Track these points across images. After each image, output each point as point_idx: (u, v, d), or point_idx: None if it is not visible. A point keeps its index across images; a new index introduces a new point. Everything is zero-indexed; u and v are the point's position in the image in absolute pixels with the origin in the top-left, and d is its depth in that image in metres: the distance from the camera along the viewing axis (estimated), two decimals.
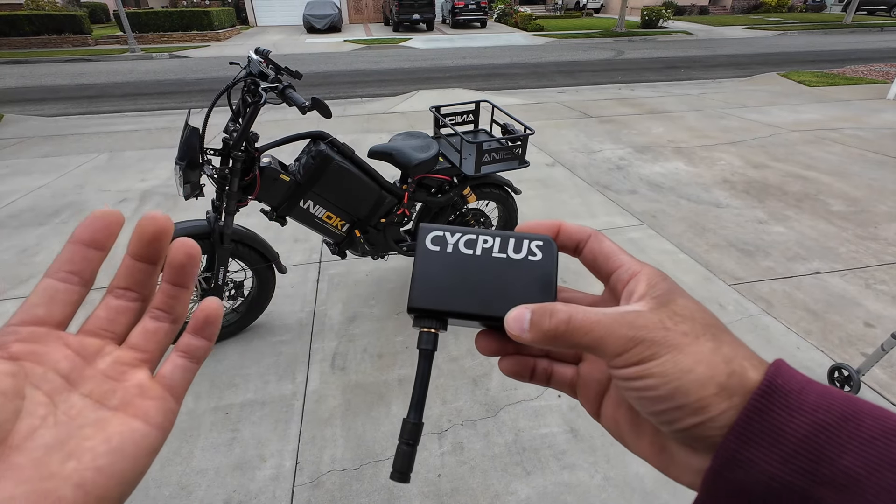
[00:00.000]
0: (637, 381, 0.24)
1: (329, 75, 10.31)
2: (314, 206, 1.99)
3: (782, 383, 0.22)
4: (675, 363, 0.23)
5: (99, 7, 22.33)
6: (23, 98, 8.34)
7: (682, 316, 0.25)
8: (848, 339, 2.10)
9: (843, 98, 6.76)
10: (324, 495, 1.49)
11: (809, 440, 0.20)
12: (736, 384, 0.22)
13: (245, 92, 1.74)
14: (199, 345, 0.26)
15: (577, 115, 6.03)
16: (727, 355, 0.23)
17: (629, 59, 11.91)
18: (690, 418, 0.23)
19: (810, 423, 0.21)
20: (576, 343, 0.25)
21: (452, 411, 1.78)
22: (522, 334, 0.26)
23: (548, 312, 0.26)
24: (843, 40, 15.09)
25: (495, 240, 0.30)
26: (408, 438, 0.29)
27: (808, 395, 0.21)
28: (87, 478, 0.20)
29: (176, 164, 1.71)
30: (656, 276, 0.27)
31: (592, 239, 0.30)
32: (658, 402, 0.23)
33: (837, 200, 3.49)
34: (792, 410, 0.21)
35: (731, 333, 0.25)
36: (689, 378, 0.23)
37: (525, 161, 2.24)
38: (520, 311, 0.27)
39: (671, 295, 0.26)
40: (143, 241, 0.25)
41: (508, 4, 23.80)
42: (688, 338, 0.24)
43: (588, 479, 1.53)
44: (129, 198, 3.69)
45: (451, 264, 0.30)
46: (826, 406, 0.21)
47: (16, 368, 0.21)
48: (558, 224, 0.31)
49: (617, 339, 0.24)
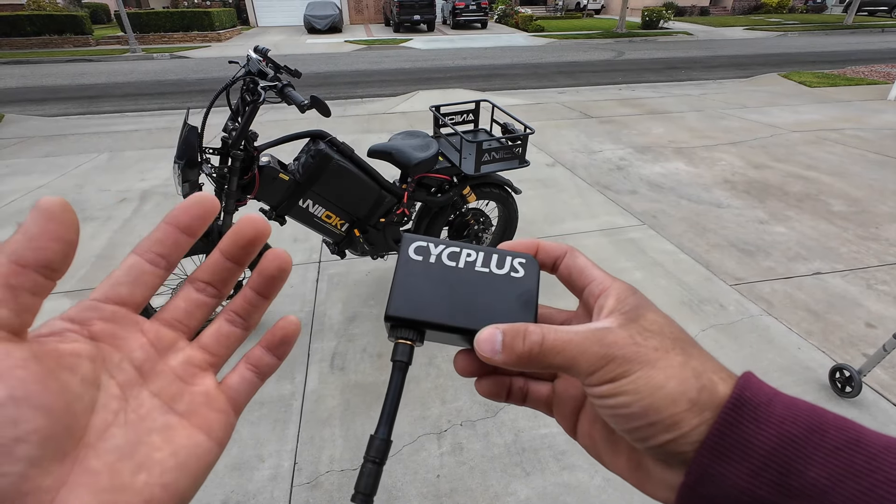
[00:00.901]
0: (610, 398, 0.24)
1: (330, 76, 10.31)
2: (313, 205, 1.99)
3: (751, 396, 0.22)
4: (647, 380, 0.23)
5: (100, 7, 22.36)
6: (24, 98, 8.35)
7: (651, 331, 0.25)
8: (849, 340, 2.10)
9: (843, 99, 6.75)
10: (322, 496, 1.48)
11: (777, 452, 0.21)
12: (706, 399, 0.23)
13: (244, 91, 1.74)
14: (270, 362, 0.26)
15: (578, 116, 6.02)
16: (697, 369, 0.24)
17: (630, 60, 11.91)
18: (663, 435, 0.23)
19: (777, 435, 0.21)
20: (549, 364, 0.25)
21: (452, 411, 1.77)
22: (494, 356, 0.25)
23: (521, 334, 0.25)
24: (843, 41, 15.08)
25: (479, 254, 0.30)
26: (374, 456, 0.26)
27: (776, 407, 0.22)
28: (155, 494, 0.19)
29: (175, 163, 1.71)
30: (625, 291, 0.27)
31: (568, 255, 0.30)
32: (631, 419, 0.23)
33: (838, 201, 3.48)
34: (760, 423, 0.21)
35: (699, 347, 0.25)
36: (661, 394, 0.23)
37: (525, 160, 2.23)
38: (490, 332, 0.26)
39: (640, 310, 0.26)
40: (238, 243, 0.24)
41: (509, 5, 23.81)
42: (658, 352, 0.24)
43: (588, 480, 1.52)
44: (128, 197, 3.69)
45: (432, 276, 0.29)
46: (792, 418, 0.21)
47: (96, 352, 0.20)
48: (537, 243, 0.31)
49: (589, 357, 0.24)
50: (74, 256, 0.19)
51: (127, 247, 2.91)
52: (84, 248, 2.93)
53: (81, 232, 2.46)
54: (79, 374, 0.18)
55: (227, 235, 0.25)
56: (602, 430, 0.28)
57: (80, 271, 2.68)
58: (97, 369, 0.19)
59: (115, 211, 3.45)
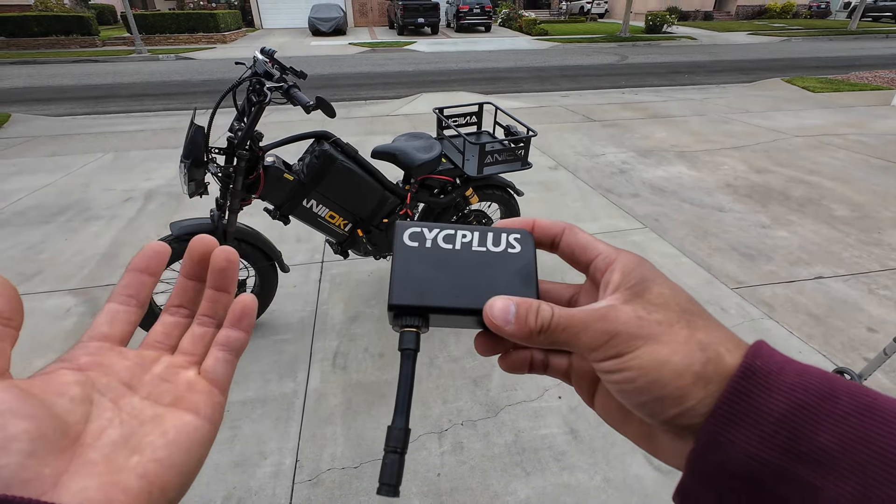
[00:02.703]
0: (616, 374, 0.24)
1: (334, 78, 10.36)
2: (317, 205, 2.00)
3: (761, 364, 0.22)
4: (651, 354, 0.23)
5: (106, 9, 22.53)
6: (30, 98, 8.42)
7: (657, 304, 0.25)
8: (850, 344, 2.10)
9: (847, 104, 6.75)
10: (323, 493, 1.49)
11: (787, 419, 0.21)
12: (712, 371, 0.23)
13: (250, 91, 1.76)
14: (237, 336, 0.28)
15: (581, 119, 6.04)
16: (702, 342, 0.24)
17: (633, 64, 11.93)
18: (670, 409, 0.23)
19: (788, 402, 0.21)
20: (555, 340, 0.25)
21: (453, 411, 1.78)
22: (506, 326, 0.26)
23: (533, 310, 0.26)
24: (847, 46, 15.07)
25: (474, 234, 0.30)
26: (395, 445, 0.25)
27: (787, 375, 0.22)
28: (149, 469, 0.22)
29: (181, 163, 1.73)
30: (631, 263, 0.27)
31: (567, 232, 0.30)
32: (638, 394, 0.24)
33: (841, 206, 3.49)
34: (771, 391, 0.21)
35: (707, 317, 0.25)
36: (666, 369, 0.23)
37: (528, 163, 2.25)
38: (504, 303, 0.26)
39: (645, 283, 0.26)
40: (193, 261, 0.28)
41: (513, 9, 23.88)
42: (662, 327, 0.24)
43: (588, 481, 1.52)
44: (133, 197, 3.72)
45: (430, 260, 0.29)
46: (803, 385, 0.21)
47: (83, 378, 0.23)
48: (532, 220, 0.31)
49: (592, 333, 0.24)
50: (21, 305, 0.23)
51: (131, 246, 2.93)
52: (89, 248, 2.95)
53: (87, 231, 2.48)
54: (67, 395, 0.22)
55: (184, 259, 0.28)
56: (615, 402, 0.28)
57: (84, 270, 2.70)
58: (87, 390, 0.23)
59: (120, 210, 3.48)
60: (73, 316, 2.31)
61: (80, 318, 2.29)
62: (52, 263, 2.78)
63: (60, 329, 2.22)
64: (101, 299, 2.43)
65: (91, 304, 2.40)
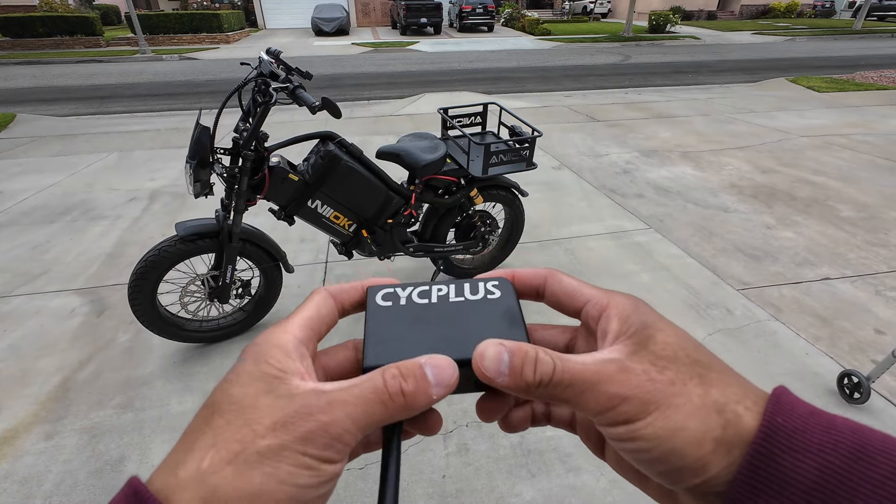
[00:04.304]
0: (628, 442, 0.22)
1: (337, 78, 10.37)
2: (322, 205, 2.00)
3: (783, 422, 0.20)
4: (665, 421, 0.21)
5: (110, 9, 22.60)
6: (35, 98, 8.46)
7: (666, 358, 0.23)
8: (858, 346, 2.08)
9: (852, 104, 6.71)
10: None
11: (819, 486, 0.19)
12: (733, 436, 0.21)
13: (255, 92, 1.76)
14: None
15: (584, 119, 6.02)
16: (718, 401, 0.22)
17: (636, 64, 11.90)
18: (692, 479, 0.21)
19: (818, 465, 0.19)
20: (555, 397, 0.23)
21: (458, 412, 1.78)
22: (499, 378, 0.23)
23: (531, 359, 0.23)
24: (852, 46, 15.00)
25: (449, 287, 0.29)
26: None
27: (813, 433, 0.20)
28: None
29: (186, 163, 1.73)
30: (627, 308, 0.25)
31: (550, 280, 0.28)
32: (654, 463, 0.22)
33: (847, 206, 3.46)
34: (797, 452, 0.20)
35: (719, 366, 0.23)
36: (683, 437, 0.21)
37: (533, 163, 2.24)
38: (496, 350, 0.23)
39: (648, 330, 0.24)
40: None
41: (515, 9, 23.86)
42: (675, 387, 0.22)
43: (593, 483, 1.52)
44: (138, 197, 3.73)
45: (406, 317, 0.27)
46: (833, 444, 0.19)
47: None
48: (512, 271, 0.30)
49: (600, 396, 0.22)
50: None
51: (136, 245, 2.94)
52: (94, 247, 2.96)
53: (92, 230, 2.50)
54: None
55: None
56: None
57: (89, 269, 2.71)
58: None
59: (125, 210, 3.49)
60: (79, 316, 2.31)
61: (85, 318, 2.29)
62: (57, 263, 2.79)
63: (66, 329, 2.22)
64: (106, 299, 2.44)
65: (96, 303, 2.40)
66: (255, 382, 0.22)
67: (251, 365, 0.23)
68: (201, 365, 2.01)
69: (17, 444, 1.65)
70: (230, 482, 0.20)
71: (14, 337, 2.17)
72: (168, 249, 1.82)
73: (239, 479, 0.20)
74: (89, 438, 1.68)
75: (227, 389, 0.22)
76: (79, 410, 1.79)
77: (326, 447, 0.21)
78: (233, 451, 0.20)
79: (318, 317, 0.26)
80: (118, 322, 2.26)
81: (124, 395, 1.86)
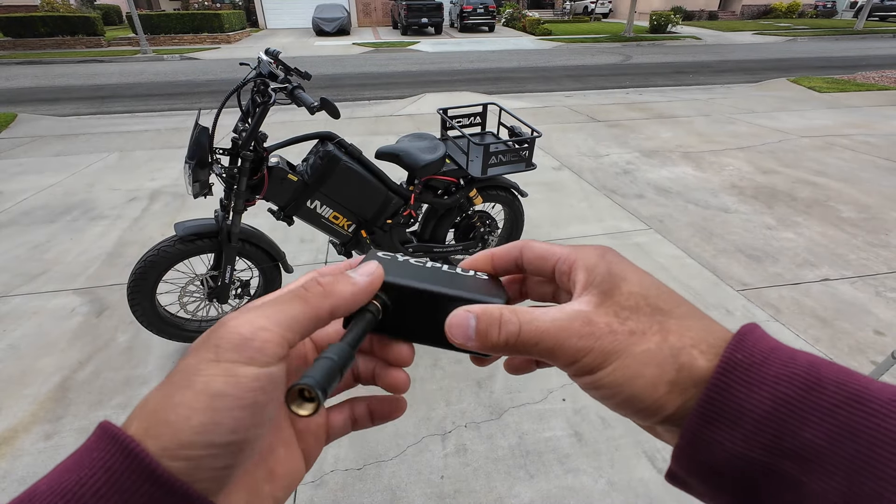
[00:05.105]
0: (594, 390, 0.24)
1: (337, 78, 10.37)
2: (321, 206, 2.00)
3: (742, 357, 0.21)
4: (624, 370, 0.23)
5: (112, 9, 22.62)
6: (36, 98, 8.47)
7: (629, 308, 0.24)
8: (857, 347, 2.08)
9: (853, 104, 6.70)
10: (327, 495, 1.49)
11: (771, 415, 0.20)
12: (685, 378, 0.22)
13: (254, 92, 1.76)
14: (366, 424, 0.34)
15: (585, 119, 6.02)
16: (674, 346, 0.23)
17: (637, 64, 11.89)
18: (653, 417, 0.23)
19: (771, 396, 0.20)
20: (526, 353, 0.24)
21: (456, 413, 1.78)
22: (467, 342, 0.25)
23: (496, 321, 0.24)
24: (854, 46, 14.97)
25: (442, 263, 0.32)
26: (331, 354, 0.23)
27: (771, 366, 0.21)
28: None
29: (185, 163, 1.73)
30: (592, 258, 0.26)
31: (524, 249, 0.29)
32: (619, 406, 0.24)
33: (848, 207, 3.46)
34: (753, 385, 0.21)
35: (681, 312, 0.24)
36: (640, 383, 0.22)
37: (532, 164, 2.24)
38: (462, 316, 0.25)
39: (613, 280, 0.25)
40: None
41: (516, 9, 23.85)
42: (634, 337, 0.23)
43: (592, 484, 1.51)
44: (138, 196, 3.73)
45: (401, 267, 0.30)
46: (788, 377, 0.20)
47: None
48: (490, 253, 0.31)
49: (566, 349, 0.23)
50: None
51: (136, 245, 2.94)
52: (94, 247, 2.96)
53: (92, 230, 2.49)
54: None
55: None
56: None
57: (89, 269, 2.71)
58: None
59: (125, 210, 3.49)
60: (79, 315, 2.32)
61: (85, 318, 2.30)
62: (57, 263, 2.79)
63: (66, 328, 2.22)
64: (105, 299, 2.44)
65: (96, 303, 2.41)
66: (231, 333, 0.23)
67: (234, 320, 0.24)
68: None
69: (17, 444, 1.65)
70: (159, 401, 0.21)
71: (13, 337, 2.18)
72: (167, 249, 1.82)
73: (166, 399, 0.20)
74: None
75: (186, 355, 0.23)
76: (78, 410, 1.79)
77: (237, 348, 0.21)
78: (174, 380, 0.21)
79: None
80: (118, 322, 2.26)
81: (124, 394, 1.86)
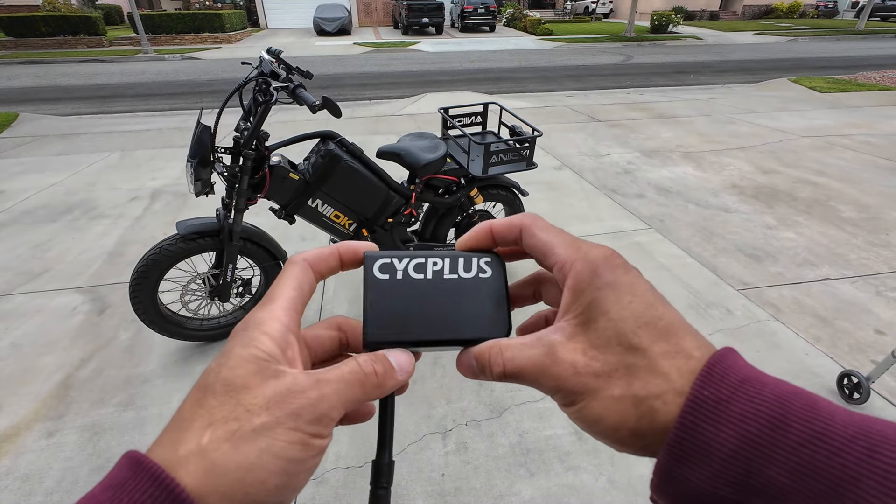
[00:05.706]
0: (572, 419, 0.26)
1: (338, 77, 10.38)
2: (322, 204, 2.01)
3: (709, 394, 0.22)
4: (588, 412, 0.24)
5: (113, 9, 22.64)
6: (38, 97, 8.48)
7: (598, 346, 0.24)
8: (858, 347, 2.08)
9: (854, 104, 6.70)
10: (328, 492, 1.50)
11: (737, 453, 0.20)
12: (646, 427, 0.23)
13: (256, 91, 1.76)
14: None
15: (586, 119, 6.02)
16: (637, 396, 0.23)
17: (638, 64, 11.89)
18: (627, 451, 0.24)
19: (738, 434, 0.20)
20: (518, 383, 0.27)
21: (457, 411, 1.78)
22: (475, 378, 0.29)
23: (487, 363, 0.27)
24: (855, 46, 14.96)
25: (444, 261, 0.30)
26: (384, 481, 0.27)
27: (737, 403, 0.21)
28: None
29: (187, 162, 1.73)
30: (583, 280, 0.26)
31: (525, 234, 0.29)
32: (594, 436, 0.25)
33: (848, 207, 3.46)
34: (720, 423, 0.21)
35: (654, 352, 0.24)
36: (604, 425, 0.24)
37: (533, 163, 2.24)
38: (467, 360, 0.29)
39: (593, 311, 0.25)
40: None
41: (517, 9, 23.85)
42: (599, 380, 0.24)
43: (592, 482, 1.52)
44: (139, 196, 3.74)
45: (403, 292, 0.29)
46: (753, 413, 0.20)
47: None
48: (489, 227, 0.30)
49: (542, 385, 0.26)
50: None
51: (138, 244, 2.95)
52: (95, 246, 2.97)
53: (94, 229, 2.51)
54: None
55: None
56: None
57: (91, 268, 2.72)
58: None
59: (126, 209, 3.50)
60: (80, 314, 2.32)
61: (86, 317, 2.30)
62: (59, 262, 2.80)
63: (68, 327, 2.23)
64: (107, 298, 2.44)
65: (97, 302, 2.41)
66: (245, 364, 0.23)
67: (240, 348, 0.24)
68: (202, 363, 2.01)
69: (19, 442, 1.66)
70: (228, 457, 0.21)
71: (16, 335, 2.19)
72: (169, 248, 1.83)
73: (236, 454, 0.21)
74: (90, 436, 1.69)
75: (218, 372, 0.23)
76: (80, 408, 1.80)
77: (315, 422, 0.23)
78: (230, 429, 0.22)
79: (301, 295, 0.28)
80: (119, 320, 2.27)
81: (125, 392, 1.87)
